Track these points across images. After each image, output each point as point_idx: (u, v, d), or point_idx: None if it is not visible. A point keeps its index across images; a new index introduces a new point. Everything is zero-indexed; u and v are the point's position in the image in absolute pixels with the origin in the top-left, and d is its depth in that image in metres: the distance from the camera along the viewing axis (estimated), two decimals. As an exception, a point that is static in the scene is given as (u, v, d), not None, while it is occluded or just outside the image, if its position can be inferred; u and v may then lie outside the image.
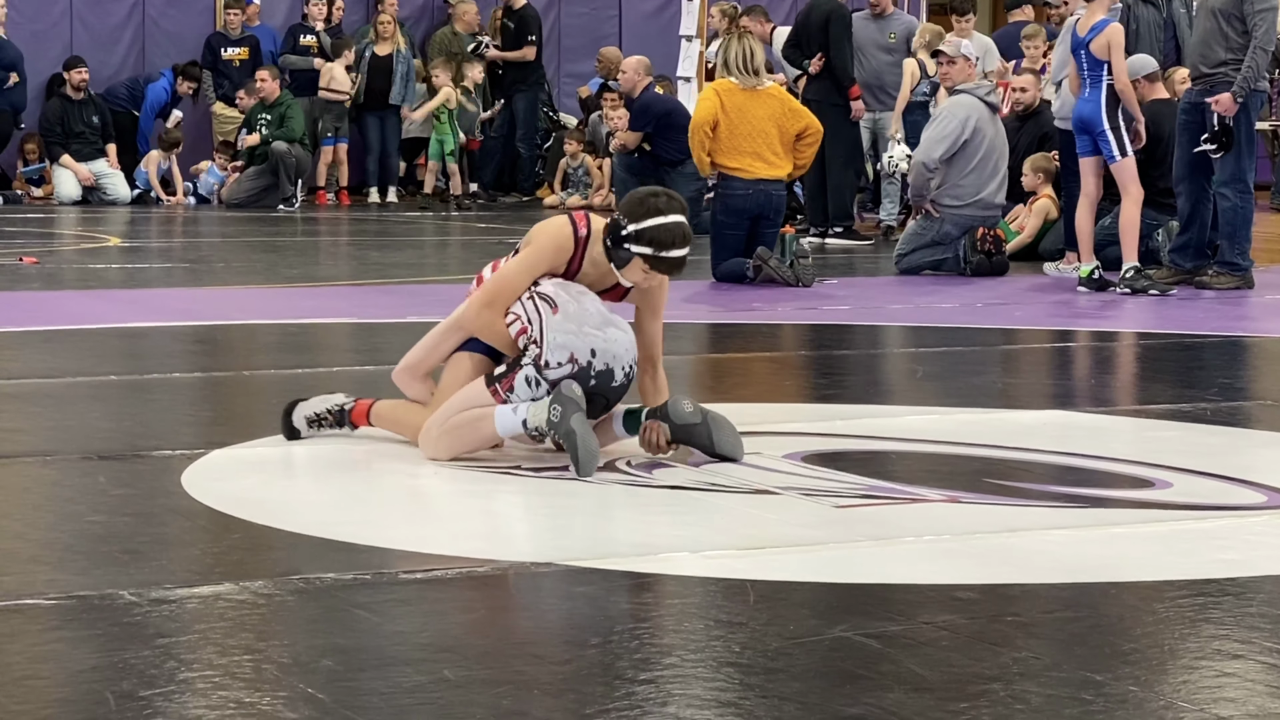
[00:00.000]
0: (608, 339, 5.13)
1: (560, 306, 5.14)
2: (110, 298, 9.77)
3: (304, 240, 14.88)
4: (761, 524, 4.49)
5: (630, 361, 5.17)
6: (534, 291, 5.20)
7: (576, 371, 5.07)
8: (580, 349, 5.10)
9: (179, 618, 3.55)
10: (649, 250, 5.15)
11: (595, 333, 5.13)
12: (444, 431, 5.16)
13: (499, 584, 3.91)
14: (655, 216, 5.16)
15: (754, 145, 10.84)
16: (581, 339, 5.10)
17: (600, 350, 5.11)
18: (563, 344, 5.10)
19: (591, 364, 5.10)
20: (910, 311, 9.58)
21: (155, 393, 6.59)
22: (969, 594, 3.79)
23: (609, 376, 5.13)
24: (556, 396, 4.97)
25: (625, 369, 5.16)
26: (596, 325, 5.15)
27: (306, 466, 5.19)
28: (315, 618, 3.58)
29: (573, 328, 5.11)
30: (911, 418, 6.16)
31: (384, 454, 5.33)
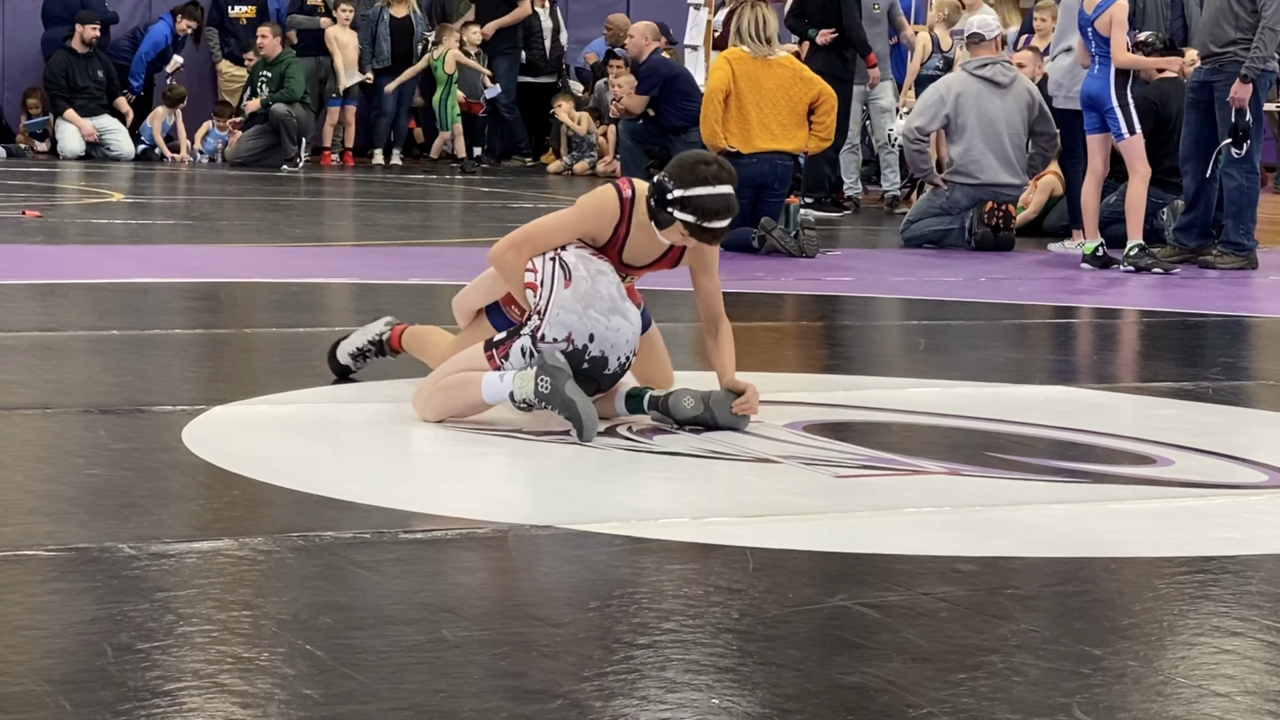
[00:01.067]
0: (610, 327, 5.11)
1: (574, 281, 5.11)
2: (113, 253, 9.76)
3: (308, 200, 14.87)
4: (762, 492, 4.49)
5: (628, 354, 5.15)
6: (558, 254, 5.16)
7: (570, 351, 5.05)
8: (579, 330, 5.07)
9: (178, 572, 3.54)
10: (692, 218, 5.12)
11: (600, 318, 5.10)
12: (433, 391, 5.16)
13: (498, 546, 3.90)
14: (703, 186, 5.12)
15: (761, 115, 10.81)
16: (584, 321, 5.08)
17: (599, 336, 5.09)
18: (564, 322, 5.08)
19: (587, 348, 5.07)
20: (914, 284, 9.57)
21: (157, 348, 6.59)
22: (968, 566, 3.79)
23: (602, 363, 5.11)
24: (542, 367, 4.95)
25: (621, 359, 5.13)
26: (603, 311, 5.12)
27: (308, 424, 5.19)
28: (314, 575, 3.58)
29: (578, 308, 5.08)
30: (913, 390, 6.16)
31: (386, 415, 5.32)
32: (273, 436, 5.01)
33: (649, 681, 2.98)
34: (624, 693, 2.92)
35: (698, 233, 5.15)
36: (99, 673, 2.92)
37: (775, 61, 10.89)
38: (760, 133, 10.79)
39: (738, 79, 10.78)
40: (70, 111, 18.05)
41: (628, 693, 2.92)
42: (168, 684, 2.88)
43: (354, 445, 4.99)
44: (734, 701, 2.90)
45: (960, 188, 11.63)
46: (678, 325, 7.31)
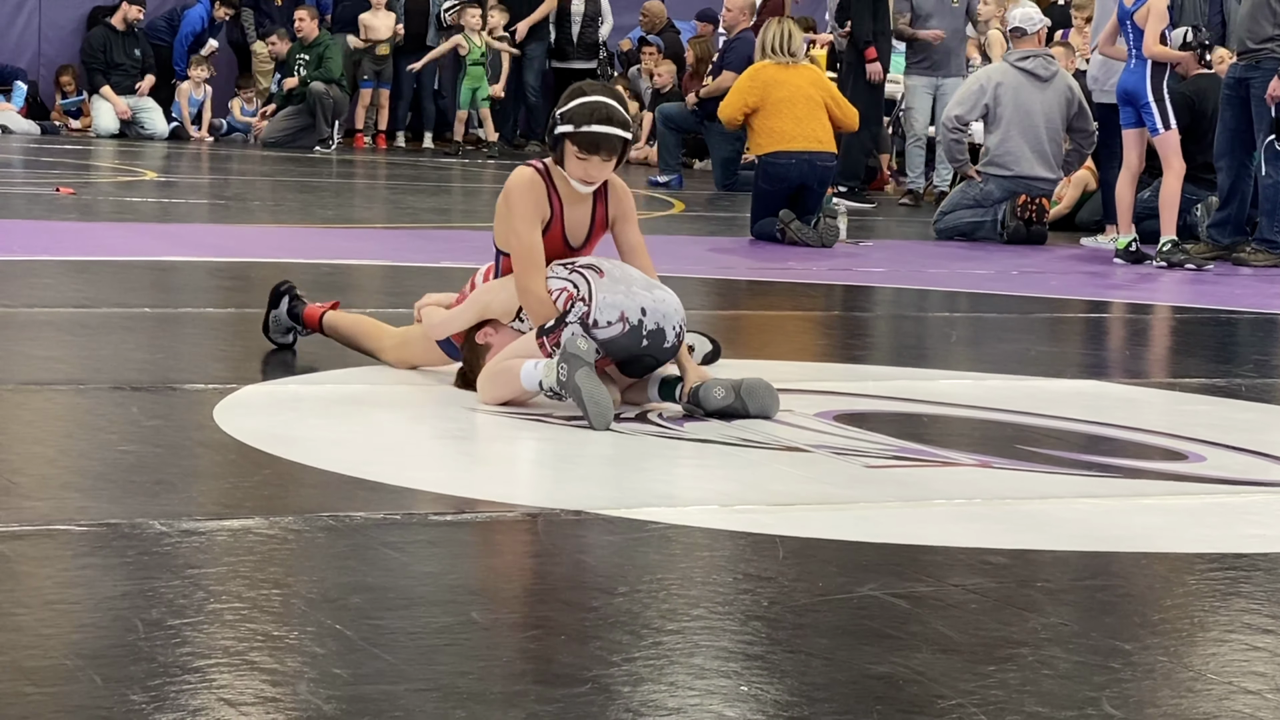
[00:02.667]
0: (656, 299, 5.12)
1: (606, 271, 5.15)
2: (145, 231, 9.78)
3: (339, 182, 14.90)
4: (792, 481, 4.49)
5: (680, 321, 5.16)
6: (575, 267, 5.19)
7: (628, 331, 5.06)
8: (630, 308, 5.08)
9: (208, 549, 3.55)
10: (570, 128, 5.21)
11: (643, 293, 5.12)
12: (486, 377, 5.18)
13: (528, 530, 3.91)
14: (578, 97, 5.26)
15: (795, 114, 10.77)
16: (631, 298, 5.09)
17: (650, 309, 5.10)
18: (613, 303, 5.09)
19: (643, 323, 5.08)
20: (945, 276, 9.55)
21: (188, 326, 6.61)
22: (999, 559, 3.78)
23: (660, 336, 5.11)
24: (563, 354, 4.95)
25: (676, 329, 5.14)
26: (644, 286, 5.15)
27: (337, 404, 5.20)
28: (344, 555, 3.58)
29: (622, 288, 5.10)
30: (944, 381, 6.15)
31: (417, 396, 5.33)
32: (303, 416, 5.02)
33: (677, 668, 2.98)
34: (652, 678, 2.92)
35: (582, 142, 5.20)
36: (130, 648, 2.92)
37: (798, 67, 10.95)
38: (797, 134, 10.72)
39: (765, 84, 10.77)
40: (106, 88, 18.09)
41: (656, 678, 2.92)
42: (198, 660, 2.88)
43: (384, 426, 4.99)
44: (762, 689, 2.90)
45: (994, 179, 11.61)
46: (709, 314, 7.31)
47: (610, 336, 5.06)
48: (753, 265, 9.82)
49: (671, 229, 11.32)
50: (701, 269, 8.84)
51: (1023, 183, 11.57)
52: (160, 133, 18.08)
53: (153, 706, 2.65)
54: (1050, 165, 11.69)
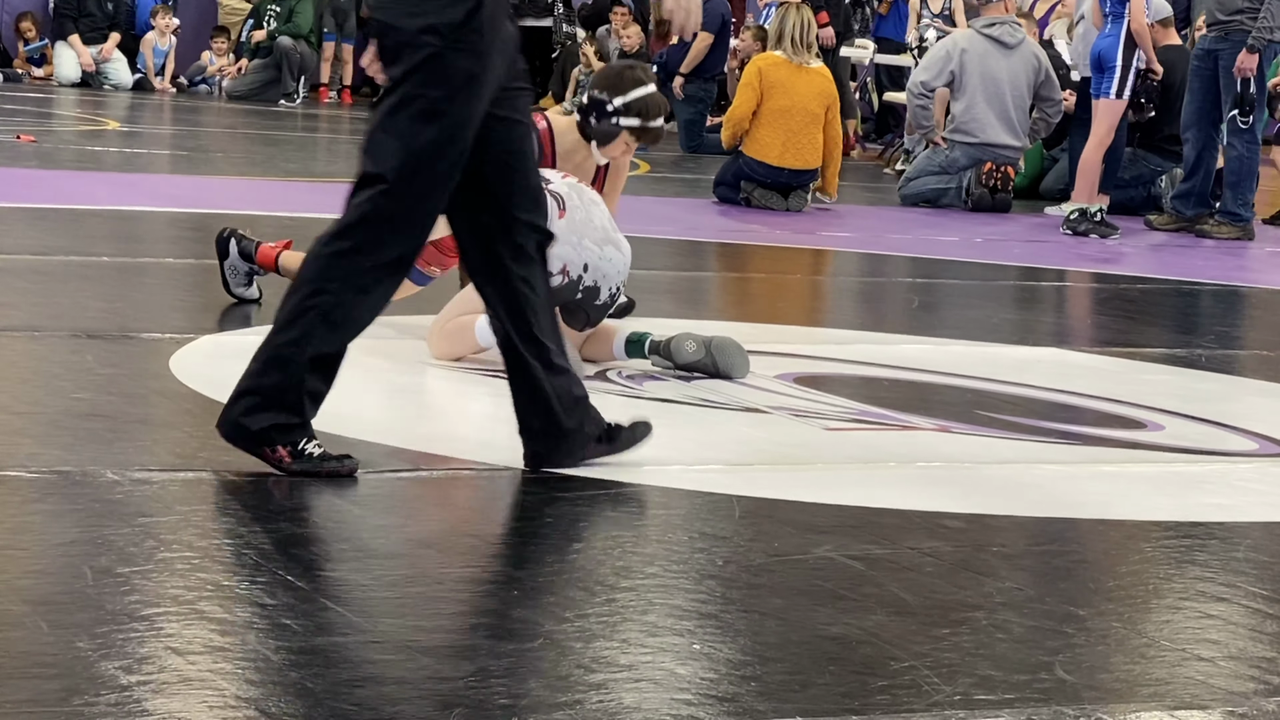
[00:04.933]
0: (603, 257, 5.09)
1: (569, 210, 5.09)
2: (106, 180, 9.71)
3: (304, 136, 14.82)
4: (750, 441, 4.48)
5: (619, 284, 5.13)
6: (547, 188, 5.12)
7: (565, 284, 5.03)
8: (574, 261, 5.05)
9: (160, 499, 3.53)
10: (637, 121, 5.31)
11: (593, 248, 5.08)
12: (439, 334, 5.14)
13: (485, 486, 3.89)
14: (639, 88, 5.34)
15: (789, 124, 10.53)
16: (579, 252, 5.06)
17: (592, 266, 5.07)
18: (558, 254, 5.04)
19: (581, 279, 5.05)
20: (909, 242, 9.55)
21: (147, 276, 6.56)
22: (955, 523, 3.78)
23: (594, 294, 5.08)
24: None
25: (612, 290, 5.11)
26: (597, 240, 5.10)
27: (296, 358, 5.15)
28: (297, 508, 3.56)
29: (573, 239, 5.06)
30: (906, 346, 6.14)
31: (373, 350, 5.29)
32: (261, 368, 4.98)
33: (630, 625, 2.97)
34: (604, 635, 2.91)
35: (644, 134, 5.34)
36: (77, 595, 2.90)
37: (810, 71, 10.65)
38: (788, 151, 10.52)
39: (770, 85, 10.52)
40: (74, 37, 17.94)
41: (608, 635, 2.91)
42: (146, 608, 2.86)
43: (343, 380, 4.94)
44: (715, 648, 2.89)
45: (960, 146, 11.59)
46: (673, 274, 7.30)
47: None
48: (718, 228, 9.80)
49: (637, 190, 11.29)
50: (666, 229, 8.81)
51: (988, 150, 11.56)
52: (124, 84, 17.93)
53: (99, 654, 2.63)
54: (1016, 133, 11.67)
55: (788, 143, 10.51)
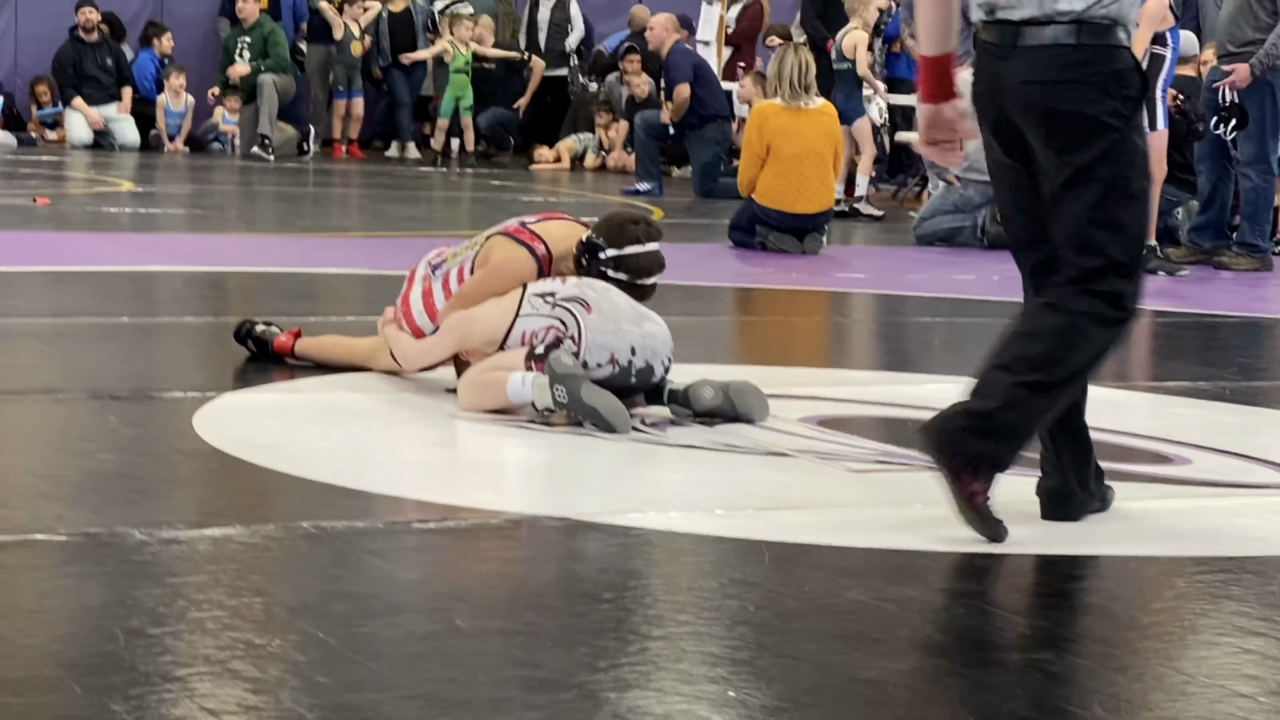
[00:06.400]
0: (645, 334, 5.10)
1: (593, 305, 5.10)
2: (121, 241, 9.75)
3: (317, 191, 14.86)
4: (776, 485, 4.47)
5: (668, 354, 5.15)
6: (558, 301, 5.15)
7: (617, 372, 5.04)
8: (620, 348, 5.06)
9: (189, 558, 3.52)
10: (626, 277, 5.30)
11: (632, 329, 5.09)
12: (470, 386, 5.14)
13: (512, 536, 3.88)
14: (634, 245, 5.32)
15: (800, 168, 10.49)
16: (620, 338, 5.07)
17: (640, 347, 5.08)
18: (602, 345, 5.06)
19: (633, 363, 5.07)
20: (926, 282, 9.54)
21: (166, 336, 6.57)
22: (986, 562, 3.76)
23: (649, 374, 5.10)
24: (554, 377, 4.92)
25: (664, 362, 5.14)
26: (632, 320, 5.12)
27: (318, 412, 5.17)
28: (326, 563, 3.56)
29: (611, 326, 5.07)
30: (928, 386, 6.13)
31: (397, 402, 5.30)
32: (284, 424, 4.99)
33: (664, 674, 2.96)
34: (639, 684, 2.90)
35: (631, 290, 5.29)
36: (110, 657, 2.89)
37: (812, 113, 10.61)
38: (800, 196, 10.47)
39: (774, 133, 10.47)
40: (78, 100, 18.00)
41: (643, 684, 2.90)
42: (179, 669, 2.85)
43: (365, 434, 4.96)
44: (750, 694, 2.87)
45: (974, 185, 11.59)
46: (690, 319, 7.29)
47: (600, 378, 5.03)
48: (734, 272, 9.80)
49: (651, 236, 11.33)
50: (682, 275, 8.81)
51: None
52: (132, 143, 17.95)
53: (134, 716, 2.62)
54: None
55: (800, 187, 10.51)
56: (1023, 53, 3.92)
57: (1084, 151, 3.86)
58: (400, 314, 5.58)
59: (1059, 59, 3.88)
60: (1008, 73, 3.95)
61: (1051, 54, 3.89)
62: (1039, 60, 3.90)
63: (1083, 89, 3.86)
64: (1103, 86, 3.86)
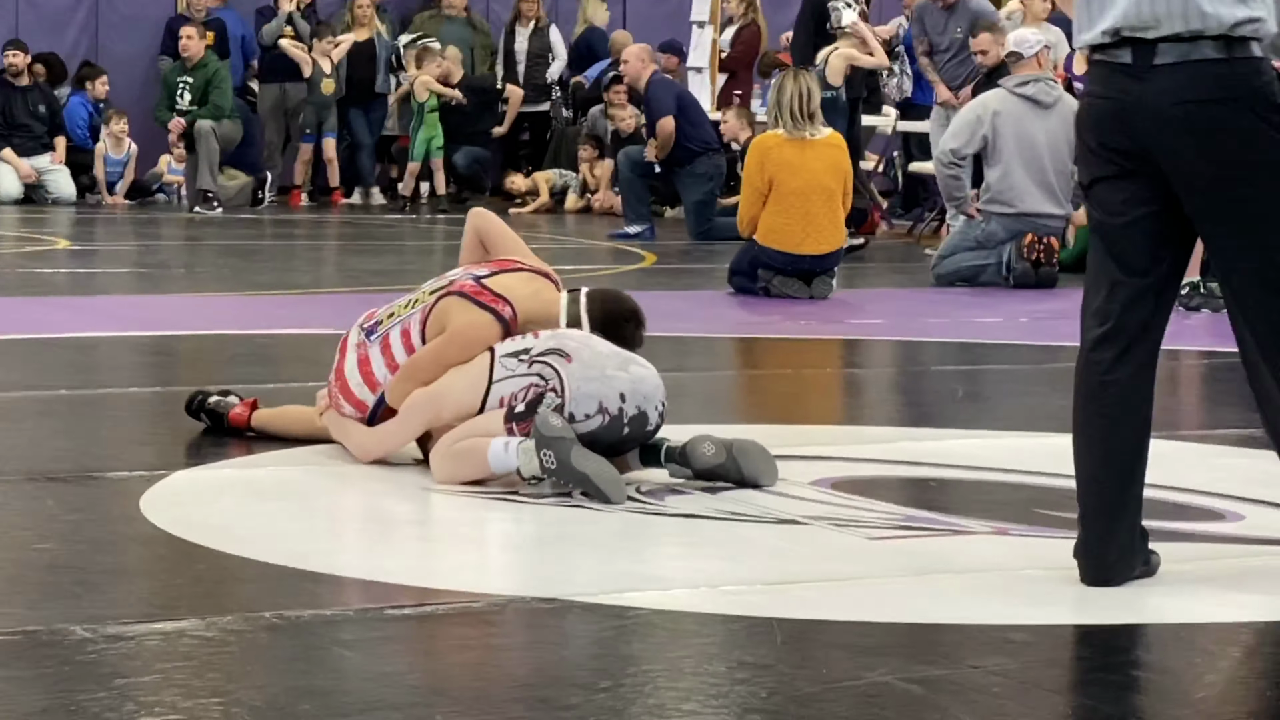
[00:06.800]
0: (634, 378, 5.10)
1: (573, 354, 5.11)
2: (59, 305, 9.75)
3: (274, 244, 14.89)
4: (788, 557, 4.47)
5: (662, 399, 5.15)
6: (534, 357, 5.15)
7: (608, 423, 5.04)
8: (609, 395, 5.06)
9: (138, 656, 3.52)
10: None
11: (619, 374, 5.09)
12: (445, 456, 5.13)
13: (496, 621, 3.88)
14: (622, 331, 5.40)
15: (807, 206, 10.48)
16: (607, 384, 5.07)
17: (630, 392, 5.08)
18: (589, 393, 5.06)
19: (624, 410, 5.06)
20: (948, 326, 9.56)
21: (110, 409, 6.57)
22: (1022, 635, 3.76)
23: (643, 421, 5.10)
24: (540, 440, 4.92)
25: (658, 408, 5.13)
26: (618, 365, 5.12)
27: (279, 490, 5.16)
28: (291, 657, 3.55)
29: (595, 373, 5.07)
30: (952, 441, 6.14)
31: (366, 476, 5.30)
32: (241, 503, 4.99)
33: (669, 769, 2.95)
34: (641, 782, 2.89)
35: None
36: (53, 769, 2.88)
37: (818, 144, 10.61)
38: (808, 236, 10.44)
39: (777, 168, 10.45)
40: (7, 150, 18.04)
41: (645, 782, 2.89)
42: (130, 780, 2.85)
43: (332, 512, 4.96)
44: (765, 790, 2.87)
45: (997, 218, 11.62)
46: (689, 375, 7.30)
47: (590, 430, 5.03)
48: (735, 321, 9.82)
49: (643, 284, 11.33)
50: (678, 326, 8.83)
51: (1028, 220, 11.59)
52: (66, 197, 17.98)
53: (80, 834, 2.61)
54: (1057, 200, 11.70)
55: (807, 227, 10.47)
56: (1164, 72, 4.07)
57: (1243, 167, 4.05)
58: (335, 392, 5.54)
59: (1208, 76, 4.04)
60: (1145, 93, 4.09)
61: (1199, 70, 4.05)
62: (1185, 78, 4.06)
63: (1234, 105, 4.04)
64: (1252, 102, 4.04)
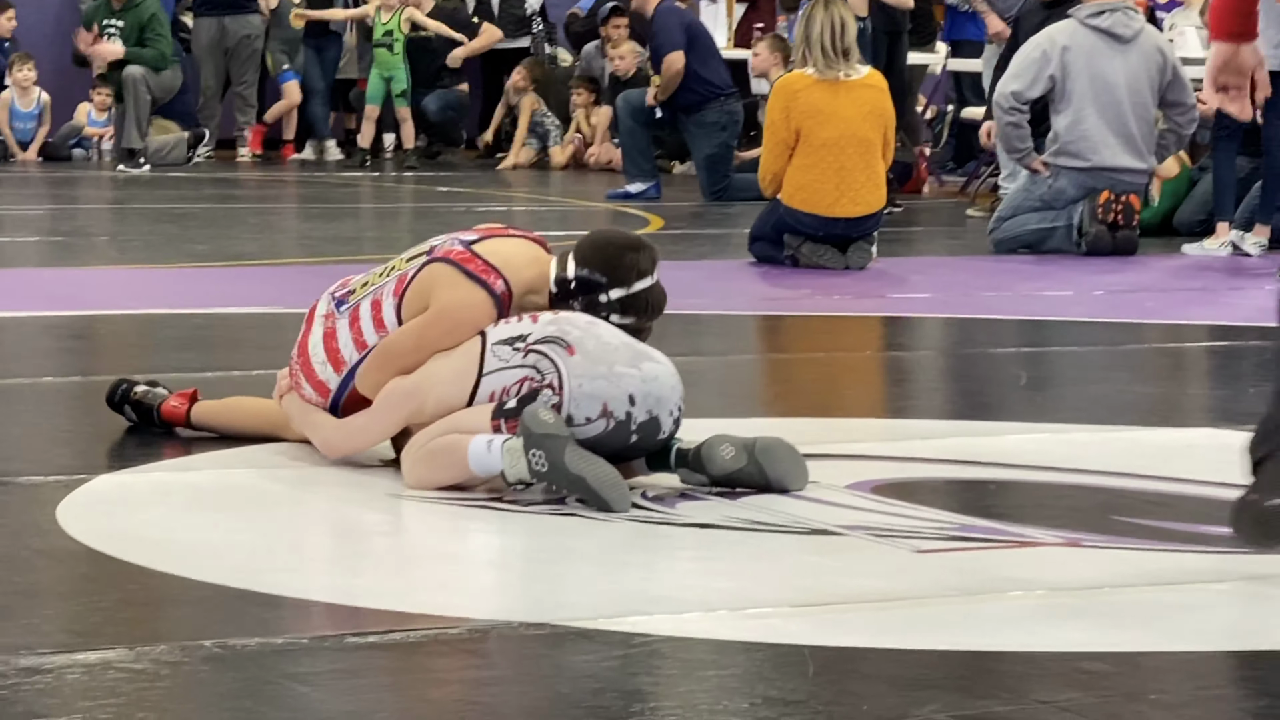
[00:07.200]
0: (646, 377, 5.10)
1: (576, 345, 5.10)
2: (-40, 280, 9.76)
3: (212, 208, 14.90)
4: (821, 573, 4.47)
5: (678, 402, 5.14)
6: (530, 345, 5.14)
7: (612, 428, 5.04)
8: (615, 397, 5.05)
9: (57, 693, 3.53)
10: (633, 320, 5.34)
11: (629, 371, 5.09)
12: (419, 456, 5.13)
13: (478, 650, 3.89)
14: (642, 280, 5.36)
15: (840, 160, 10.43)
16: (615, 383, 5.06)
17: (641, 394, 5.08)
18: (592, 393, 5.06)
19: (632, 415, 5.06)
20: (1008, 300, 9.57)
21: (20, 402, 6.58)
22: (1098, 665, 3.77)
23: (654, 428, 5.10)
24: (529, 438, 4.91)
25: (673, 413, 5.13)
26: (628, 361, 5.11)
27: (221, 497, 5.17)
28: (236, 693, 3.56)
29: (602, 370, 5.06)
30: (1014, 437, 6.14)
31: (323, 480, 5.31)
32: (176, 513, 5.00)
33: (682, 824, 2.97)
34: (650, 839, 2.91)
35: (636, 332, 5.34)
36: (-44, 826, 2.90)
37: (853, 85, 10.58)
38: (843, 195, 10.40)
39: (806, 114, 10.37)
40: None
41: (655, 839, 2.91)
42: (47, 839, 2.86)
43: (285, 523, 4.97)
44: None
45: (1066, 173, 11.63)
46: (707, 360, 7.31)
47: (591, 436, 5.03)
48: (758, 296, 9.83)
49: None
50: (692, 302, 8.83)
51: (1103, 175, 11.59)
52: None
53: None
54: (1138, 151, 11.70)
55: (842, 185, 10.45)
56: None
57: None
58: (297, 369, 5.53)
59: None
60: None
61: None
62: None
63: None
64: None
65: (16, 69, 18.04)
